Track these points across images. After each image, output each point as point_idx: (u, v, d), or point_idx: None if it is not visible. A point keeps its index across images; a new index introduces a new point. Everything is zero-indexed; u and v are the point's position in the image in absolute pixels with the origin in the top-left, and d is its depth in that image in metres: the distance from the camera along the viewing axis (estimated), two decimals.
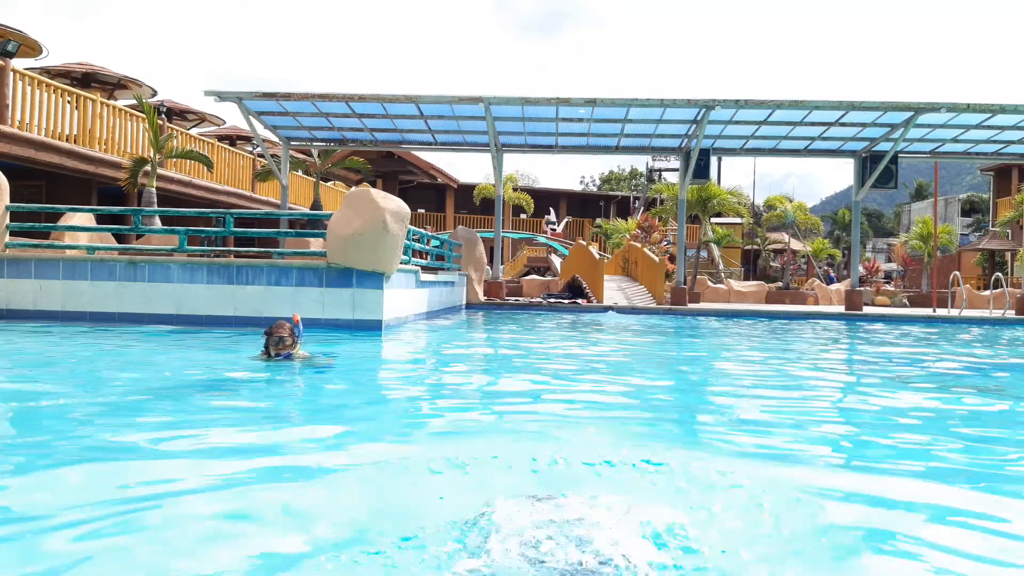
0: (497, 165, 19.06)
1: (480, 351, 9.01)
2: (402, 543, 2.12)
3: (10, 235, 10.74)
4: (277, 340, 5.24)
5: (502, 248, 21.88)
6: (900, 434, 4.17)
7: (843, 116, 16.75)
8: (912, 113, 16.13)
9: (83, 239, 11.34)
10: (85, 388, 5.02)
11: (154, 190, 13.35)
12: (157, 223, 12.45)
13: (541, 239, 33.82)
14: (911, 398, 5.58)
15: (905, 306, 23.14)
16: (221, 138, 24.58)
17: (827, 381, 6.82)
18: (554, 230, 36.21)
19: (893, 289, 29.20)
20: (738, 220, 34.53)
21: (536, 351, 8.77)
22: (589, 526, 2.11)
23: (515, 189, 36.38)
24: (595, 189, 63.06)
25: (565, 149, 19.97)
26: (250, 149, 24.69)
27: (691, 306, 18.21)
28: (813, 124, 17.34)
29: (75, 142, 14.88)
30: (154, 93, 20.39)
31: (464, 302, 16.94)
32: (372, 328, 9.59)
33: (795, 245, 34.24)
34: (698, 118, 16.89)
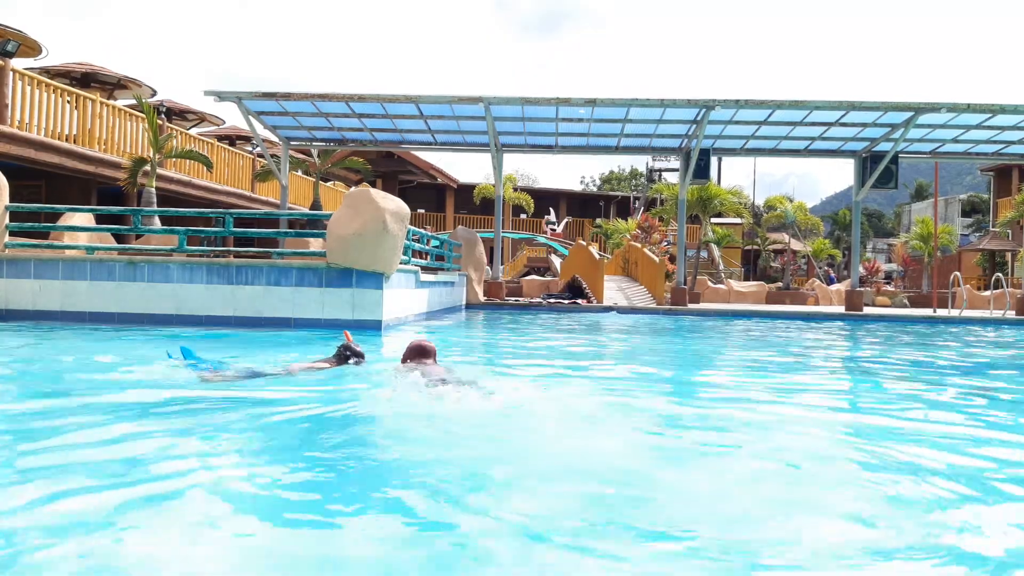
0: (497, 165, 19.06)
1: (480, 350, 9.00)
2: None
3: (9, 235, 10.73)
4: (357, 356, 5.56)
5: (502, 248, 21.87)
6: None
7: (843, 116, 16.74)
8: (912, 113, 16.12)
9: (82, 239, 11.33)
10: None
11: (154, 190, 13.35)
12: (156, 223, 12.44)
13: (541, 239, 33.81)
14: (906, 394, 5.57)
15: (905, 306, 23.13)
16: (221, 138, 24.58)
17: (804, 376, 6.81)
18: (554, 230, 36.20)
19: (893, 289, 29.20)
20: (738, 220, 34.51)
21: (536, 350, 8.76)
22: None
23: (515, 189, 36.37)
24: (595, 189, 63.07)
25: (565, 149, 19.97)
26: (250, 149, 24.69)
27: (691, 306, 18.20)
28: (813, 124, 17.33)
29: (75, 142, 14.88)
30: (154, 93, 20.39)
31: (464, 302, 16.93)
32: (372, 328, 9.58)
33: (795, 245, 34.23)
34: (698, 118, 16.88)
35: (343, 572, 1.99)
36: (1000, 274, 20.92)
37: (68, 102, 14.85)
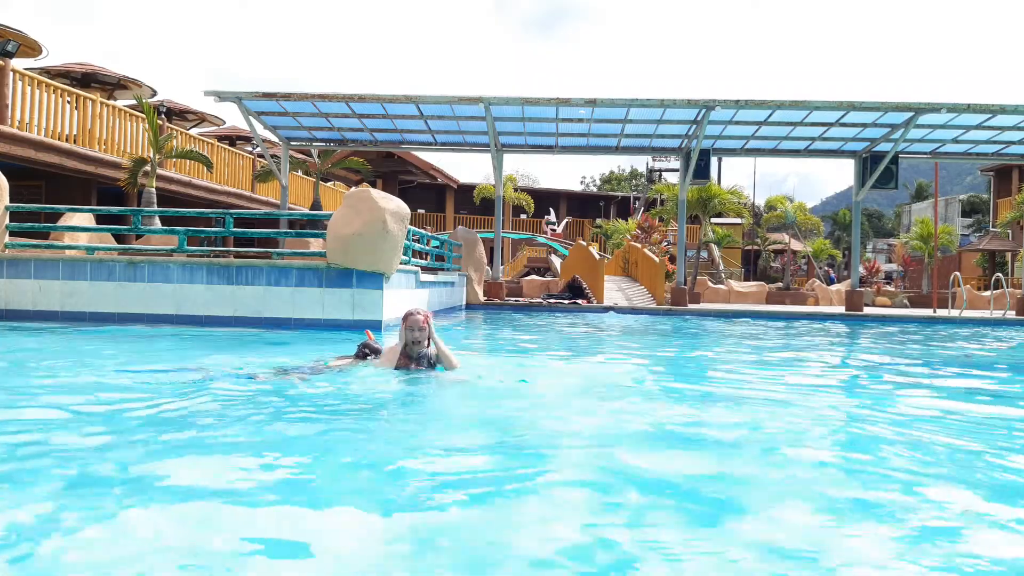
0: (497, 165, 19.05)
1: (481, 350, 8.99)
2: None
3: (10, 235, 10.73)
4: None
5: (502, 248, 21.86)
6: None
7: (843, 116, 16.73)
8: (912, 113, 16.12)
9: (83, 239, 11.33)
10: None
11: (154, 190, 13.34)
12: (157, 223, 12.43)
13: (541, 239, 33.80)
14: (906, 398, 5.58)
15: (906, 307, 23.13)
16: (221, 138, 24.56)
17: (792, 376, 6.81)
18: (554, 230, 36.19)
19: (893, 290, 29.19)
20: (738, 220, 34.49)
21: (536, 349, 8.76)
22: None
23: (515, 189, 36.35)
24: (595, 189, 63.07)
25: (565, 149, 19.96)
26: (250, 149, 24.68)
27: (691, 307, 18.20)
28: (813, 124, 17.32)
29: (75, 142, 14.87)
30: (154, 93, 20.38)
31: (464, 302, 16.93)
32: (372, 329, 9.55)
33: (795, 246, 34.22)
34: (698, 118, 16.88)
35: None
36: (1000, 274, 20.91)
37: (68, 102, 14.85)
